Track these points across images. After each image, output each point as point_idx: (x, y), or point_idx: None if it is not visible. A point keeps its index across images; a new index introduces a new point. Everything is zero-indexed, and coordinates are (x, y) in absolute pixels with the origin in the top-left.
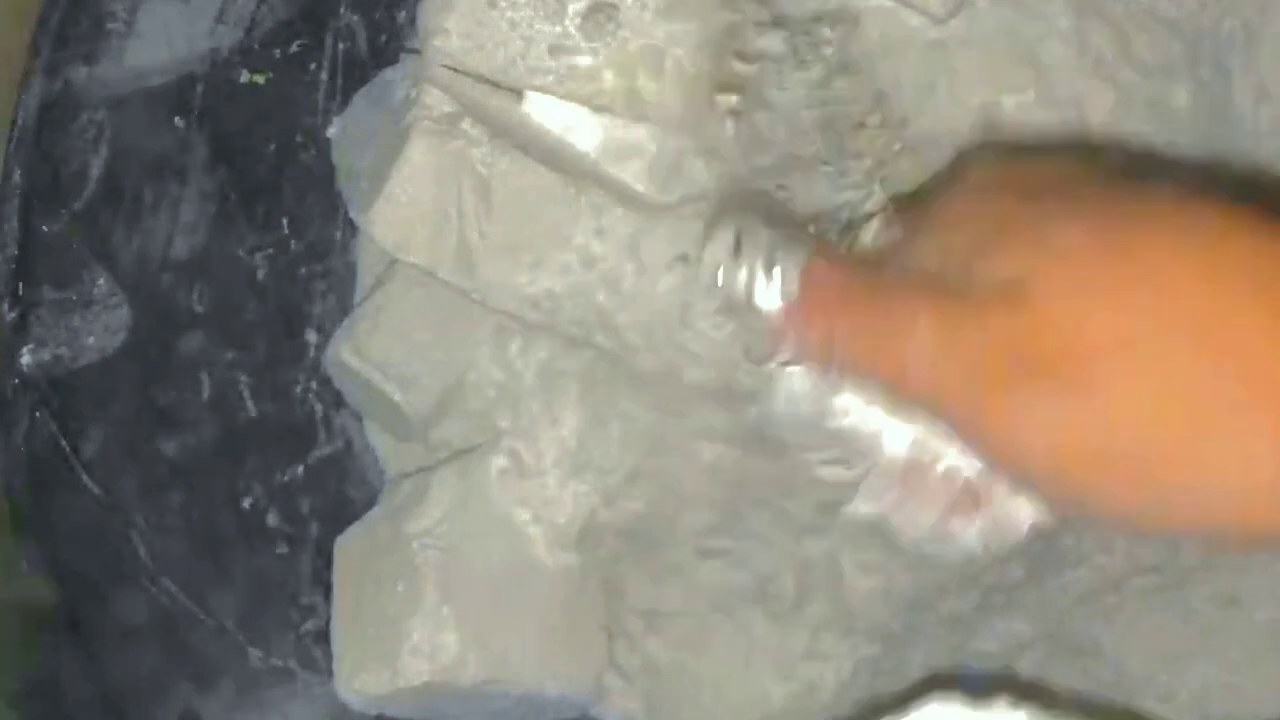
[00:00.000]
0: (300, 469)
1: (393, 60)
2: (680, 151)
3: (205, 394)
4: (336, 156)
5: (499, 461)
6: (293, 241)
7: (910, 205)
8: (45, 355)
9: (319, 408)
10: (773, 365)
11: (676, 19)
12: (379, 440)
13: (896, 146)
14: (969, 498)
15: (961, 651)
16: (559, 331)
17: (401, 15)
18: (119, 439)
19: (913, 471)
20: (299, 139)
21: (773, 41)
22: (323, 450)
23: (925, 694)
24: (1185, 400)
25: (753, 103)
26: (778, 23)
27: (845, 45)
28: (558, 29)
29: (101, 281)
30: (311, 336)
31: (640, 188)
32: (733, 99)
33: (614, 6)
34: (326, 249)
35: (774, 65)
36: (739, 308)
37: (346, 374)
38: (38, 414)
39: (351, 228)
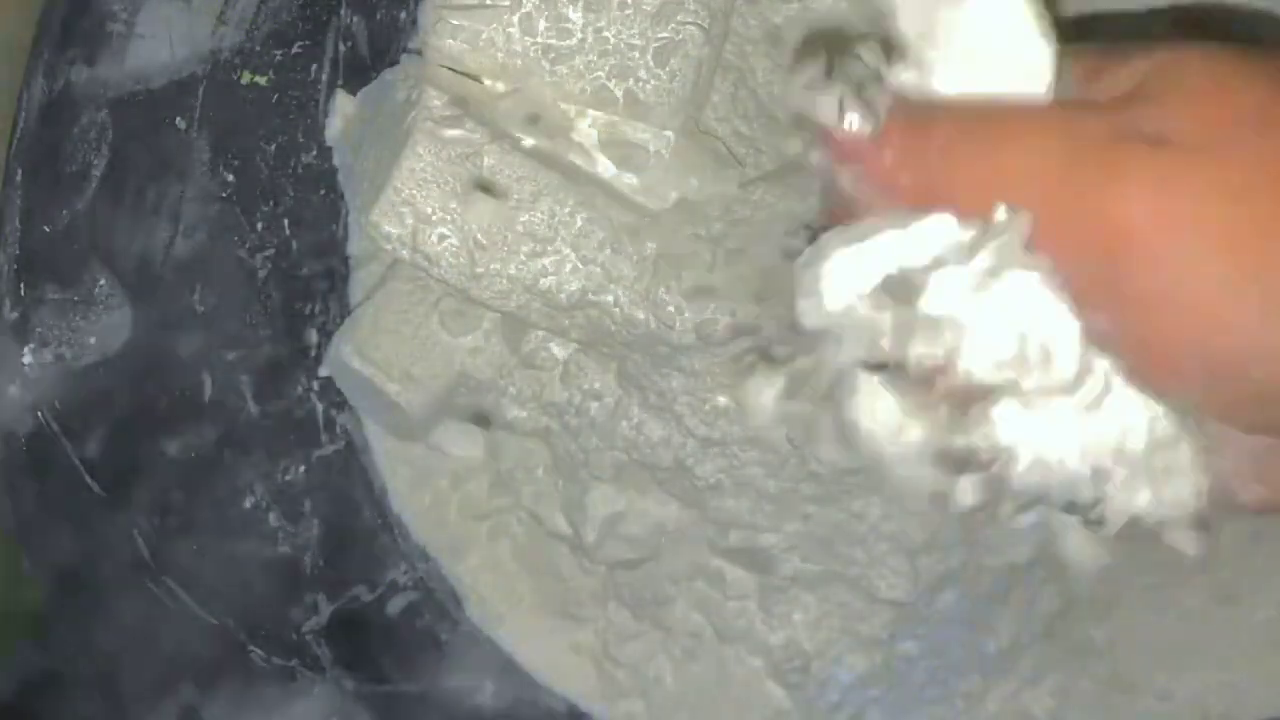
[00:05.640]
0: (301, 469)
1: (393, 61)
2: (678, 152)
3: (206, 394)
4: (337, 157)
5: None
6: (294, 242)
7: None
8: (47, 355)
9: (320, 408)
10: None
11: (675, 20)
12: (379, 440)
13: None
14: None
15: (958, 652)
16: (560, 330)
17: (402, 16)
18: (120, 439)
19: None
20: (300, 140)
21: None
22: (324, 450)
23: None
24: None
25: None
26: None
27: None
28: (557, 30)
29: (103, 281)
30: (312, 336)
31: (638, 187)
32: None
33: (613, 8)
34: (327, 249)
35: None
36: (820, 130)
37: (347, 374)
38: (39, 414)
39: (352, 228)
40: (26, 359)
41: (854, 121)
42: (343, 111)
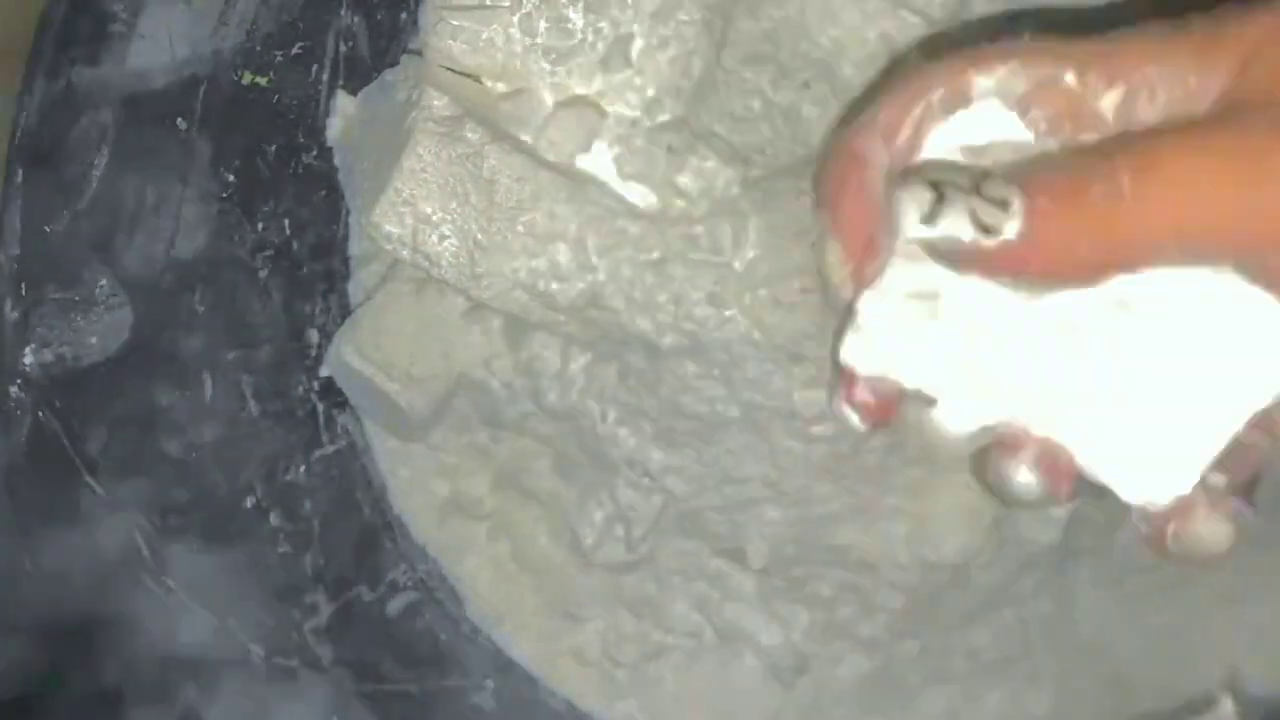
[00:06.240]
0: (302, 469)
1: (393, 62)
2: (677, 151)
3: (207, 394)
4: (338, 158)
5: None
6: (294, 242)
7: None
8: (48, 355)
9: (320, 407)
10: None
11: (674, 20)
12: (379, 440)
13: None
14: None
15: (958, 652)
16: (560, 330)
17: (402, 17)
18: (122, 438)
19: None
20: (300, 140)
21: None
22: (324, 450)
23: None
24: None
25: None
26: None
27: None
28: (557, 31)
29: (104, 282)
30: (313, 337)
31: (638, 187)
32: None
33: (613, 8)
34: (328, 249)
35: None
36: (963, 254)
37: (348, 374)
38: (41, 413)
39: (353, 228)
40: (27, 359)
41: (999, 226)
42: (343, 112)
